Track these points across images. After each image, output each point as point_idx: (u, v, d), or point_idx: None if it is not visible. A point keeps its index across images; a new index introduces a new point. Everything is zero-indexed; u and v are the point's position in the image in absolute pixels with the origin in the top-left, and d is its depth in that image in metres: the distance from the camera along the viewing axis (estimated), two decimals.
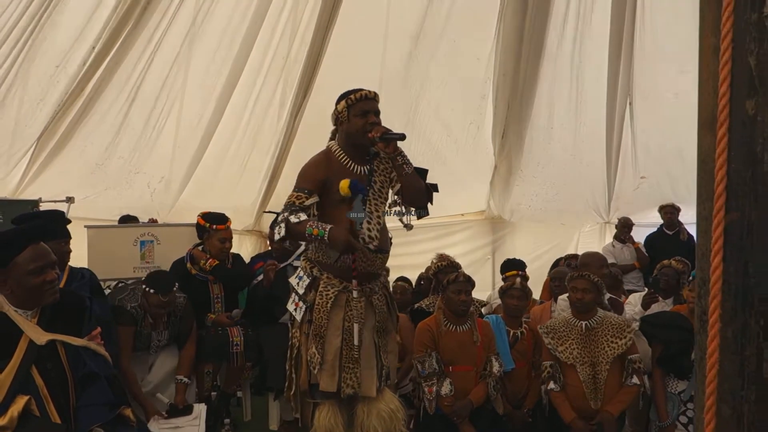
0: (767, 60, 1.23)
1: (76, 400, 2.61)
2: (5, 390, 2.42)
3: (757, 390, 1.23)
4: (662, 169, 8.05)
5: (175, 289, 4.21)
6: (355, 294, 3.23)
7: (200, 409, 4.19)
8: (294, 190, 3.25)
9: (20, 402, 2.42)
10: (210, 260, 4.67)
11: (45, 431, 2.46)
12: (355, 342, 3.21)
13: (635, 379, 3.85)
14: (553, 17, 7.18)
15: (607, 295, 4.77)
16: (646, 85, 7.53)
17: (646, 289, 5.28)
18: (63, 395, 2.58)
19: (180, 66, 6.52)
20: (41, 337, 2.55)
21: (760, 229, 1.24)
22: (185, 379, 4.31)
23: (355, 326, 3.22)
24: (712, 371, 1.21)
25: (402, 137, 3.15)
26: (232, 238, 4.85)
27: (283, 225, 3.15)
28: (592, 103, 7.69)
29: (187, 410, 4.14)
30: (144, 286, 4.18)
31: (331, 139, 3.44)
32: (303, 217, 3.12)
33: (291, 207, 3.16)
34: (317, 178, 3.24)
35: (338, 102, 3.30)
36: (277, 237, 3.23)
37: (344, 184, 3.14)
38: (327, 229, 3.03)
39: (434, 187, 3.43)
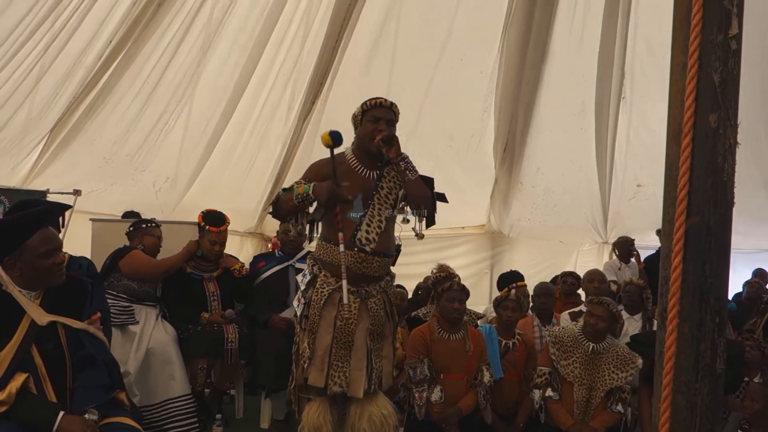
0: (730, 78, 1.33)
1: (72, 381, 2.67)
2: (5, 367, 2.49)
3: (709, 383, 1.32)
4: (660, 180, 8.07)
5: None
6: (344, 292, 3.24)
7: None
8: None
9: (19, 379, 2.49)
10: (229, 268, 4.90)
11: (41, 409, 2.52)
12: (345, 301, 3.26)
13: (619, 407, 3.89)
14: (557, 30, 7.24)
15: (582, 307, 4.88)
16: (644, 103, 7.60)
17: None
18: (61, 375, 2.64)
19: (192, 66, 6.61)
20: (43, 318, 2.62)
21: (718, 233, 1.33)
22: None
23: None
24: (669, 364, 1.29)
25: (391, 134, 3.24)
26: (224, 242, 4.88)
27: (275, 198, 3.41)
28: (590, 117, 7.76)
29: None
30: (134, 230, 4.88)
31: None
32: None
33: (286, 188, 3.39)
34: (321, 173, 3.34)
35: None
36: (270, 210, 3.45)
37: (325, 134, 3.24)
38: (311, 185, 3.23)
39: (442, 197, 3.49)
